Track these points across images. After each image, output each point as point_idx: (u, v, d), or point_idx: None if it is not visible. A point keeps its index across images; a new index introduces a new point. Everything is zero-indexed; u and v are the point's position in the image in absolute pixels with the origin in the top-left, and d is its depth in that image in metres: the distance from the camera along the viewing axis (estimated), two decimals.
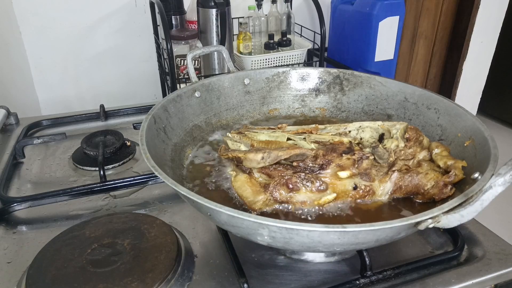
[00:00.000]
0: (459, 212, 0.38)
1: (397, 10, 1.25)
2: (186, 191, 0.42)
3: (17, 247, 0.57)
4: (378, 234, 0.40)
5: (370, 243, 0.43)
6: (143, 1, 1.30)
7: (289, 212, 0.51)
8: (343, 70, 0.77)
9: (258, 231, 0.41)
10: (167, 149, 0.59)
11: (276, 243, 0.42)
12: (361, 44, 1.31)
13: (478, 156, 0.51)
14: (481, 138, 0.53)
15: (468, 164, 0.52)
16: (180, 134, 0.65)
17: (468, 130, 0.57)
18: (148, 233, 0.55)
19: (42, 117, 0.96)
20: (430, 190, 0.52)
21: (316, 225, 0.37)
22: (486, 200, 0.37)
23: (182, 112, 0.66)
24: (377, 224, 0.37)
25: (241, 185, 0.54)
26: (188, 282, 0.50)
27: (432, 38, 2.05)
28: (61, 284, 0.47)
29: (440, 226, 0.39)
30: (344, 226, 0.37)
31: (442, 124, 0.62)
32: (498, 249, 0.54)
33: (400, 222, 0.38)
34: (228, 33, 1.16)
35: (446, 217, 0.38)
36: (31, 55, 1.26)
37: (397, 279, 0.50)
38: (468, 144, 0.55)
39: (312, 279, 0.51)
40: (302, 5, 1.52)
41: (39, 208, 0.65)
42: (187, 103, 0.68)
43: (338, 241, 0.40)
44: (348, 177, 0.53)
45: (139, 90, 1.43)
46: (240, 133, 0.65)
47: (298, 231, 0.38)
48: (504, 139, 2.44)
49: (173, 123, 0.64)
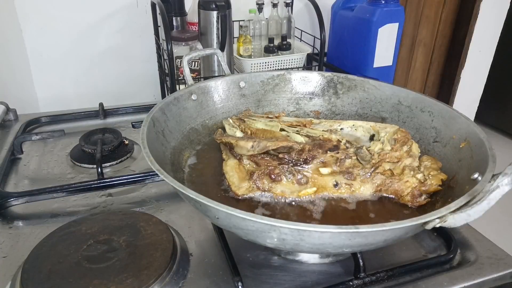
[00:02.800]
0: (466, 211, 0.39)
1: (396, 17, 1.26)
2: (195, 194, 0.42)
3: (13, 242, 0.57)
4: (388, 234, 0.40)
5: (378, 244, 0.43)
6: (145, 1, 1.31)
7: (270, 202, 0.54)
8: (337, 73, 0.78)
9: (269, 233, 0.40)
10: (166, 152, 0.59)
11: (285, 245, 0.42)
12: (360, 50, 1.32)
13: (475, 157, 0.52)
14: (477, 139, 0.54)
15: (465, 165, 0.53)
16: (178, 138, 0.65)
17: (463, 132, 0.58)
18: (144, 230, 0.55)
19: (41, 113, 0.96)
20: (405, 196, 0.54)
21: (329, 226, 0.37)
22: (493, 199, 0.38)
23: (179, 115, 0.66)
24: (389, 224, 0.38)
25: (229, 170, 0.57)
26: (182, 280, 0.50)
27: (431, 46, 2.06)
28: (56, 279, 0.47)
29: (447, 226, 0.39)
30: (357, 227, 0.37)
31: (437, 127, 0.63)
32: (490, 254, 0.55)
33: (410, 222, 0.39)
34: (229, 36, 1.17)
35: (452, 216, 0.39)
36: (31, 52, 1.26)
37: (390, 281, 0.51)
38: (464, 145, 0.56)
39: (306, 280, 0.51)
40: (303, 10, 1.53)
41: (36, 203, 0.65)
42: (183, 106, 0.68)
43: (348, 242, 0.40)
44: (329, 174, 0.55)
45: (138, 90, 1.43)
46: (240, 119, 0.67)
47: (310, 232, 0.38)
48: (500, 148, 2.45)
49: (171, 126, 0.64)
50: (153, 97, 1.45)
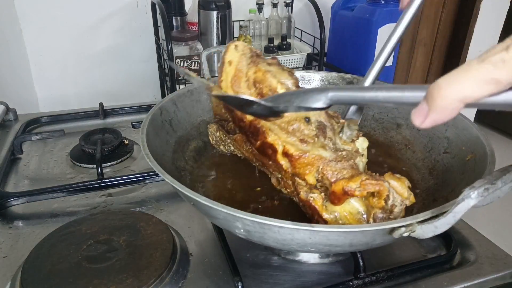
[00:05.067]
0: (433, 223, 0.38)
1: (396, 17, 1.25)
2: (172, 179, 0.43)
3: (13, 242, 0.57)
4: (350, 238, 0.40)
5: (344, 247, 0.42)
6: (145, 1, 1.31)
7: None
8: (355, 76, 0.75)
9: (234, 223, 0.42)
10: (170, 140, 0.62)
11: (252, 236, 0.44)
12: (360, 50, 1.32)
13: (477, 171, 0.51)
14: (483, 153, 0.52)
15: (466, 178, 0.52)
16: (186, 128, 0.67)
17: (471, 144, 0.56)
18: (144, 230, 0.55)
19: (41, 113, 0.96)
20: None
21: (285, 222, 0.37)
22: (458, 213, 0.36)
23: (191, 107, 0.68)
24: (346, 226, 0.38)
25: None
26: (182, 280, 0.50)
27: (431, 46, 2.06)
28: (56, 279, 0.47)
29: (415, 236, 0.39)
30: (312, 225, 0.37)
31: (449, 137, 0.61)
32: (490, 254, 0.55)
33: (371, 227, 0.39)
34: (229, 36, 1.17)
35: (420, 227, 0.38)
36: (31, 52, 1.27)
37: (390, 281, 0.51)
38: (470, 158, 0.54)
39: (306, 280, 0.51)
40: (303, 10, 1.53)
41: (35, 203, 0.65)
42: (197, 98, 0.69)
43: (309, 240, 0.40)
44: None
45: (138, 90, 1.43)
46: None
47: (269, 226, 0.39)
48: (499, 148, 2.45)
49: (180, 117, 0.66)
50: (153, 97, 1.45)
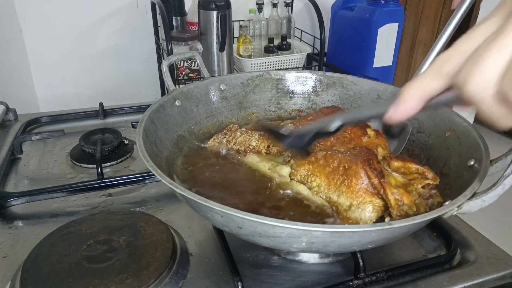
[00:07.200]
0: (481, 197, 0.40)
1: (396, 17, 1.26)
2: (228, 208, 0.40)
3: (13, 242, 0.57)
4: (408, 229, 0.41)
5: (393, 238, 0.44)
6: (145, 1, 1.31)
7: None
8: (315, 72, 0.79)
9: (300, 238, 0.39)
10: (162, 163, 0.58)
11: (311, 248, 0.41)
12: (360, 50, 1.32)
13: (464, 145, 0.54)
14: (462, 128, 0.55)
15: (455, 152, 0.55)
16: (168, 147, 0.63)
17: (446, 122, 0.59)
18: (144, 230, 0.55)
19: (41, 113, 0.96)
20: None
21: (363, 226, 0.39)
22: (507, 185, 0.39)
23: (166, 123, 0.65)
24: (414, 218, 0.38)
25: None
26: (182, 280, 0.50)
27: (431, 46, 2.06)
28: (56, 279, 0.47)
29: (462, 212, 0.40)
30: (390, 223, 0.37)
31: (419, 118, 0.65)
32: (490, 254, 0.55)
33: (434, 213, 0.39)
34: (229, 36, 1.17)
35: (468, 203, 0.40)
36: (31, 52, 1.27)
37: (390, 281, 0.51)
38: (449, 134, 0.57)
39: (306, 280, 0.51)
40: (303, 10, 1.53)
41: (35, 203, 0.65)
42: (169, 113, 0.66)
43: (377, 238, 0.40)
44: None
45: (138, 90, 1.43)
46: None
47: (343, 233, 0.38)
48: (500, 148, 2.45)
49: (161, 135, 0.62)
50: (153, 97, 1.45)
